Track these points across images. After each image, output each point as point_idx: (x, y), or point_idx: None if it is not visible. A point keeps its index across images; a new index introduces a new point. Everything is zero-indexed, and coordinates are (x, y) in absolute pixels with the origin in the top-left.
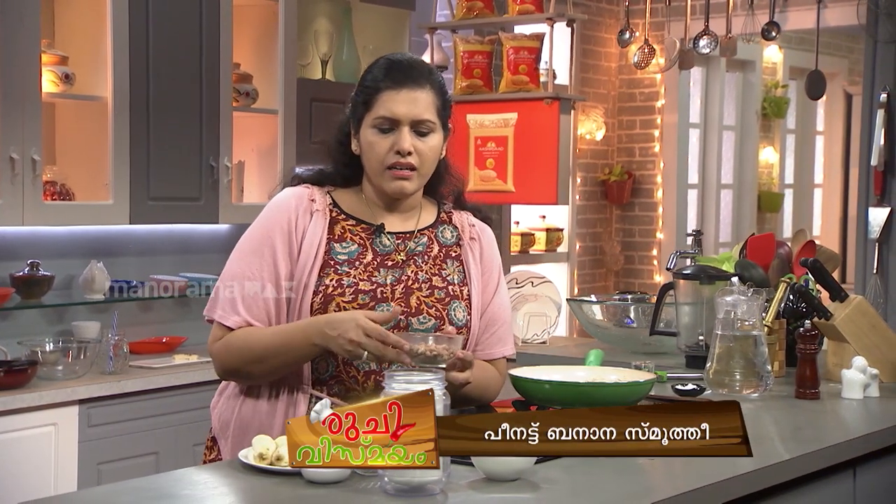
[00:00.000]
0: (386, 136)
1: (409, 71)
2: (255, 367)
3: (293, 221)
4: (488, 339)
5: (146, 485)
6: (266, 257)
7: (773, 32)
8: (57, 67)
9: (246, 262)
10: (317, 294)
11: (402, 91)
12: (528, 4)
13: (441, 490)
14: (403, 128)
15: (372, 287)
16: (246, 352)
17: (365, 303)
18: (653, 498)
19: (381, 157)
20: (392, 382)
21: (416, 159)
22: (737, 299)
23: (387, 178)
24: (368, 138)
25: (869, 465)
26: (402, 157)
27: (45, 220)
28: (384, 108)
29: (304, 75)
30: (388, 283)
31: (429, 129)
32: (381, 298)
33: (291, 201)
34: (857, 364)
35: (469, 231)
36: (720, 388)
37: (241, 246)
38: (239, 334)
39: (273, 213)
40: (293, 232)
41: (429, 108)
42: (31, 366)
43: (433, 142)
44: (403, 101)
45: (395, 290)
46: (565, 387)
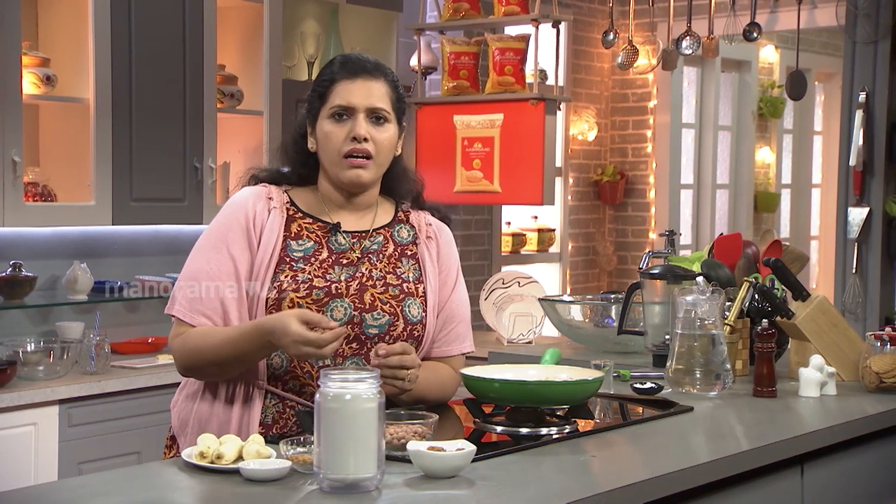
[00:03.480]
0: (342, 124)
1: (363, 63)
2: (211, 368)
3: (251, 218)
4: (445, 336)
5: (85, 482)
6: (224, 253)
7: (754, 33)
8: (38, 69)
9: (204, 258)
10: (271, 290)
11: (357, 81)
12: (514, 6)
13: (376, 487)
14: (359, 115)
15: (326, 284)
16: (202, 352)
17: (319, 298)
18: (589, 492)
19: (338, 145)
20: (328, 381)
21: (371, 147)
22: (696, 299)
23: (343, 167)
24: (325, 129)
25: (818, 462)
26: (358, 143)
27: (26, 221)
28: (339, 98)
29: (290, 76)
30: (342, 280)
31: (384, 118)
32: (335, 294)
33: (249, 199)
34: (813, 363)
35: (426, 230)
36: (680, 386)
37: (200, 243)
38: (194, 334)
39: (231, 210)
40: (251, 228)
41: (383, 98)
42: (11, 366)
43: (389, 132)
44: (359, 89)
45: (350, 287)
46: (514, 385)
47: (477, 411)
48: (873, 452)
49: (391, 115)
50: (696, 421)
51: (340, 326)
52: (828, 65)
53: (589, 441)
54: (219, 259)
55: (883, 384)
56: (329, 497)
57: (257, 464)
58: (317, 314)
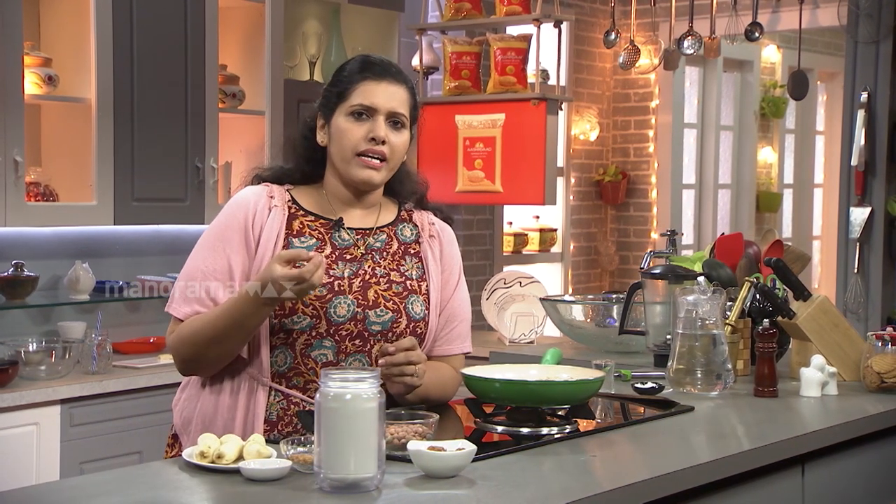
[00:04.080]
0: (361, 123)
1: (388, 67)
2: (212, 348)
3: (250, 218)
4: (447, 335)
5: (86, 482)
6: (220, 253)
7: (756, 33)
8: (40, 69)
9: (201, 258)
10: None
11: (382, 83)
12: (516, 5)
13: (376, 487)
14: (380, 116)
15: (329, 280)
16: (199, 333)
17: (322, 295)
18: (590, 492)
19: (354, 143)
20: (328, 381)
21: (387, 150)
22: (697, 299)
23: (355, 166)
24: (341, 125)
25: (819, 462)
26: (375, 144)
27: (28, 221)
28: (363, 97)
29: (292, 76)
30: (345, 276)
31: (402, 123)
32: (338, 291)
33: (250, 198)
34: (815, 362)
35: (429, 229)
36: (681, 386)
37: (200, 243)
38: (186, 323)
39: (231, 210)
40: (250, 228)
41: (404, 103)
42: (13, 366)
43: (404, 137)
44: (383, 92)
45: (353, 284)
46: (515, 385)
47: (478, 411)
48: (874, 452)
49: (408, 121)
50: (696, 421)
51: (317, 255)
52: (830, 64)
53: (590, 441)
54: (215, 258)
55: (884, 384)
56: (329, 497)
57: (258, 463)
58: (292, 251)
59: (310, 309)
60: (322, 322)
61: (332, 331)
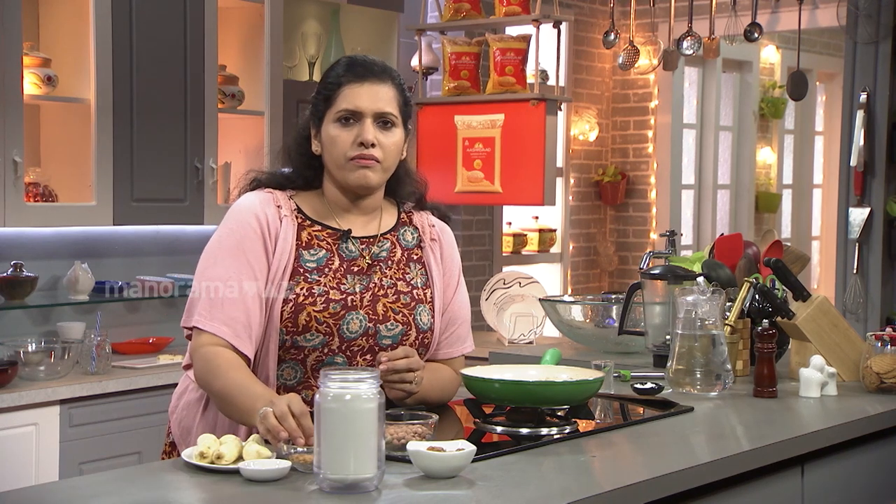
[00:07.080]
0: (349, 128)
1: (370, 66)
2: (216, 398)
3: (264, 224)
4: (448, 338)
5: (85, 483)
6: (242, 260)
7: (755, 34)
8: (40, 70)
9: (223, 266)
10: (287, 303)
11: (365, 84)
12: (515, 6)
13: (376, 487)
14: (366, 120)
15: (342, 296)
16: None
17: (336, 312)
18: (589, 492)
19: (344, 149)
20: (327, 381)
21: (379, 152)
22: (697, 299)
23: (350, 168)
24: (331, 133)
25: (818, 463)
26: (365, 148)
27: (27, 221)
28: (346, 102)
29: (291, 77)
30: (357, 292)
31: (391, 122)
32: (350, 307)
33: (258, 205)
34: (814, 363)
35: (430, 232)
36: (680, 386)
37: (214, 252)
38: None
39: (243, 217)
40: (266, 234)
41: (391, 101)
42: (12, 366)
43: (395, 136)
44: (366, 94)
45: (364, 298)
46: (514, 385)
47: (477, 411)
48: (874, 453)
49: (398, 119)
50: (696, 421)
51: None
52: (829, 65)
53: (589, 441)
54: (238, 266)
55: (884, 384)
56: (329, 497)
57: (257, 464)
58: (304, 407)
59: (323, 326)
60: (335, 339)
61: (343, 346)
